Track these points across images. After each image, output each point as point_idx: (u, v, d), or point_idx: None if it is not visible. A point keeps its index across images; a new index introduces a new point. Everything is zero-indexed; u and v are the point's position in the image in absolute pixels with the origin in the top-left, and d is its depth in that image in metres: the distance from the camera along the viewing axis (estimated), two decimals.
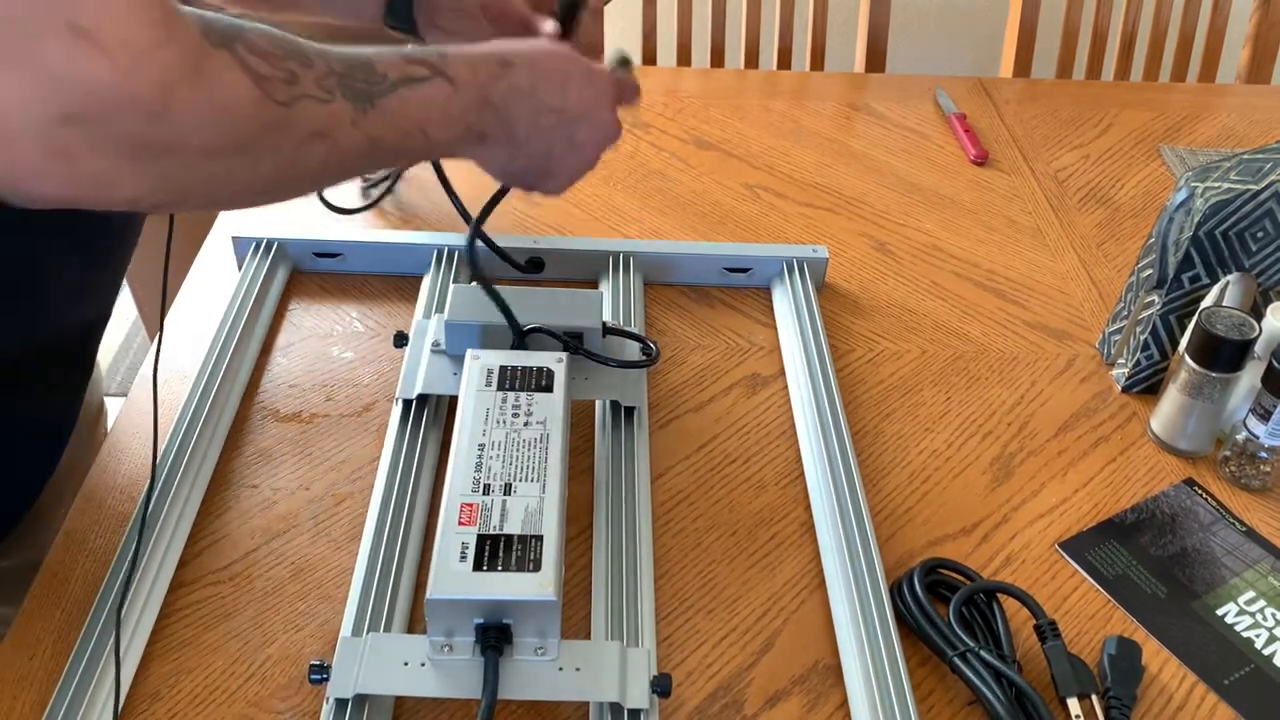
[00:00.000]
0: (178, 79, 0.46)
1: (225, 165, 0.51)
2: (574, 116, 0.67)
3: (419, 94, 0.59)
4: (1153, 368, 0.87)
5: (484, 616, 0.60)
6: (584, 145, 0.69)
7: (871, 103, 1.27)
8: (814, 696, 0.66)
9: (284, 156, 0.53)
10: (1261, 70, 1.57)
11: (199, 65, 0.48)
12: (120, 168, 0.47)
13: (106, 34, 0.44)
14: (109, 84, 0.44)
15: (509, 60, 0.64)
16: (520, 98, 0.64)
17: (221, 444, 0.79)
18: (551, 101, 0.66)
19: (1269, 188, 0.78)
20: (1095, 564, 0.74)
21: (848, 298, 0.97)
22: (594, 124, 0.69)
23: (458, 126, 0.62)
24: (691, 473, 0.79)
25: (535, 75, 0.65)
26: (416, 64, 0.59)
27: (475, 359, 0.74)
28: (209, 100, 0.48)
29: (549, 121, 0.66)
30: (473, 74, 0.62)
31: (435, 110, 0.60)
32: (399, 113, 0.58)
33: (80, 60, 0.43)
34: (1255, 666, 0.69)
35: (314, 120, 0.53)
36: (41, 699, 0.62)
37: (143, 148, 0.47)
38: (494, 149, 0.66)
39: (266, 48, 0.51)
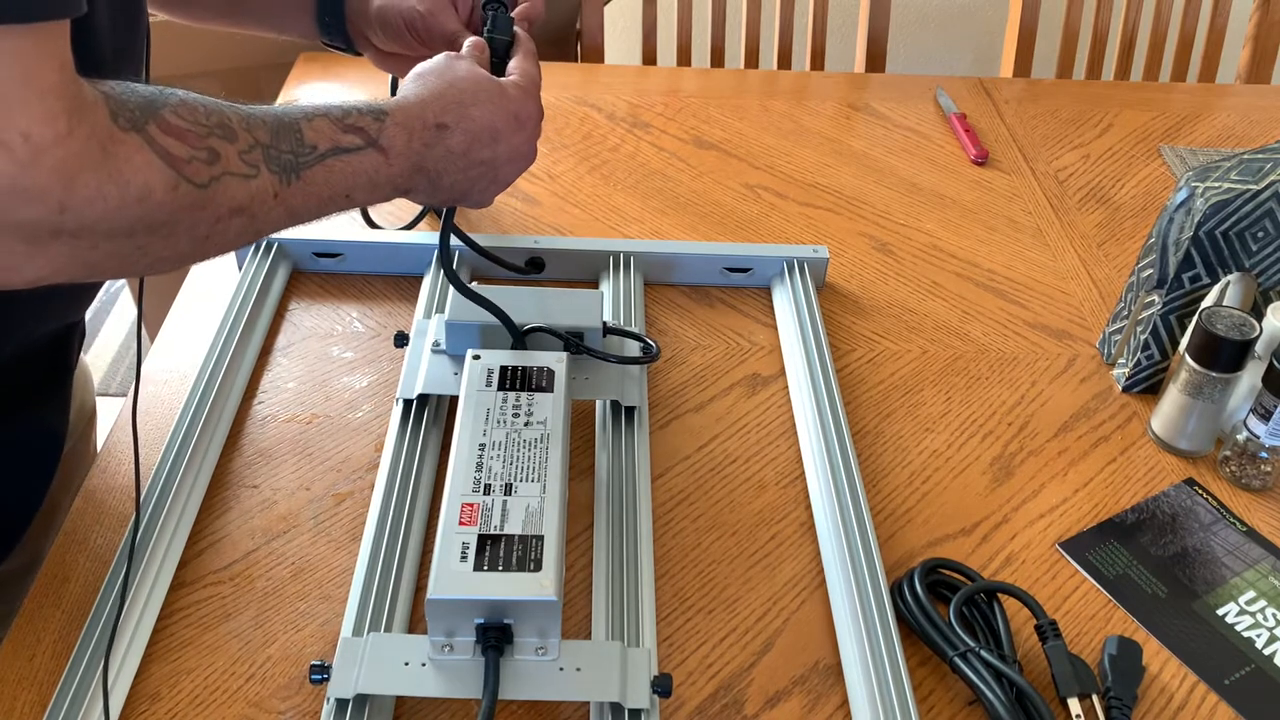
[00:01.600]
0: (80, 167, 0.46)
1: (136, 244, 0.50)
2: (500, 163, 0.68)
3: (348, 164, 0.58)
4: (1153, 368, 0.87)
5: (484, 616, 0.60)
6: (504, 180, 0.70)
7: (872, 103, 1.27)
8: (814, 696, 0.66)
9: (200, 233, 0.53)
10: (1261, 70, 1.57)
11: (106, 151, 0.47)
12: (22, 253, 0.46)
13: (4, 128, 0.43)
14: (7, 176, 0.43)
15: (445, 123, 0.64)
16: (452, 159, 0.65)
17: (221, 444, 0.79)
18: (483, 155, 0.67)
19: (1269, 188, 0.78)
20: (1096, 564, 0.74)
21: (848, 298, 0.97)
22: (516, 160, 0.70)
23: (384, 191, 0.62)
24: (691, 473, 0.79)
25: (470, 135, 0.65)
26: (350, 130, 0.59)
27: (475, 359, 0.74)
28: (116, 187, 0.47)
29: (477, 173, 0.67)
30: (407, 143, 0.62)
31: (363, 179, 0.60)
32: (325, 183, 0.57)
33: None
34: (1256, 666, 0.68)
35: (234, 198, 0.53)
36: (41, 699, 0.62)
37: (45, 234, 0.46)
38: (415, 195, 0.66)
39: (185, 126, 0.50)
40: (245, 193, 0.53)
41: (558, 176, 1.10)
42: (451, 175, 0.66)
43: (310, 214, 0.59)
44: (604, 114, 1.22)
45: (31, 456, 0.77)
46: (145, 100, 0.50)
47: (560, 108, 1.22)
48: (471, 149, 0.66)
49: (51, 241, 0.47)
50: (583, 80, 1.29)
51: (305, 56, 1.29)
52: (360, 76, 1.26)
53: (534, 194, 1.08)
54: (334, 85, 1.24)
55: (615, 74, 1.32)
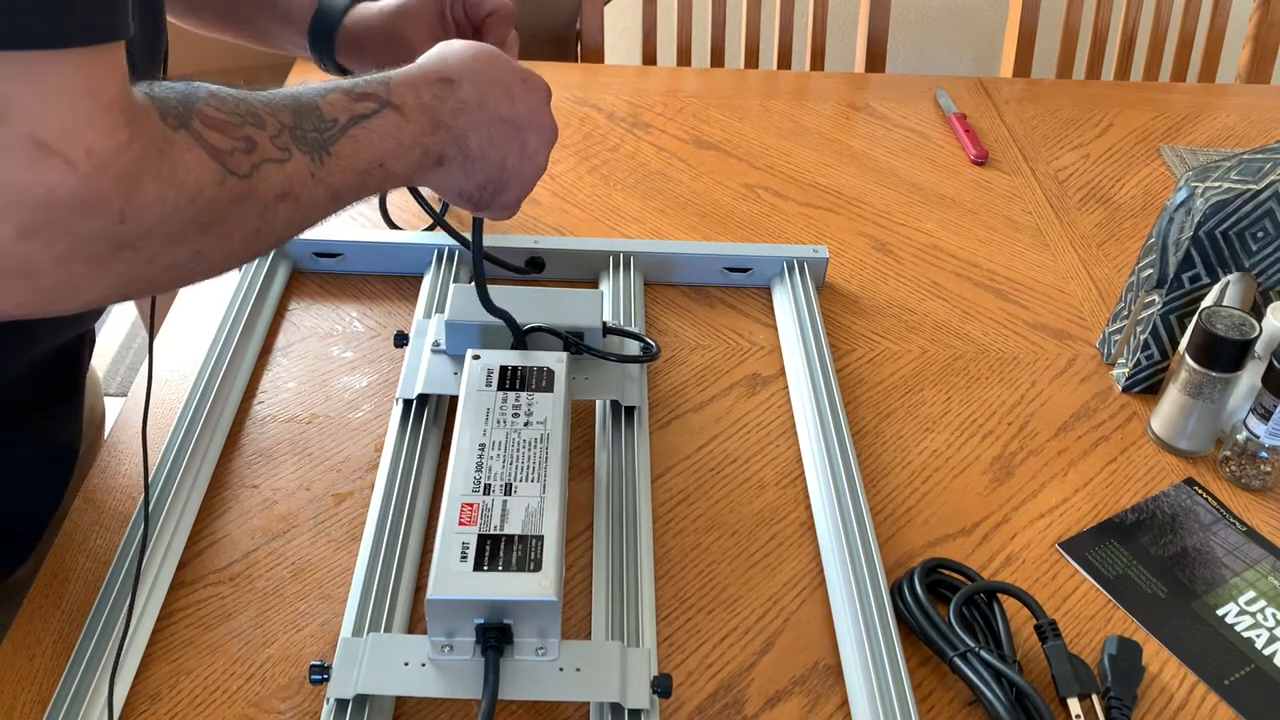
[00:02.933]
0: (141, 173, 0.45)
1: (193, 248, 0.49)
2: (523, 124, 0.66)
3: (371, 130, 0.57)
4: (1153, 367, 0.87)
5: (484, 616, 0.60)
6: (535, 152, 0.68)
7: (871, 103, 1.27)
8: (814, 696, 0.66)
9: (251, 226, 0.52)
10: (1261, 70, 1.57)
11: (162, 153, 0.46)
12: (83, 273, 0.45)
13: (69, 145, 0.42)
14: (70, 190, 0.42)
15: (450, 77, 0.62)
16: (470, 112, 0.63)
17: (221, 444, 0.79)
18: (501, 110, 0.64)
19: (1269, 188, 0.78)
20: (1095, 564, 0.74)
21: (848, 298, 0.97)
22: (540, 128, 0.68)
23: (414, 153, 0.60)
24: (691, 473, 0.79)
25: (481, 87, 0.63)
26: (363, 98, 0.58)
27: (475, 359, 0.74)
28: (173, 188, 0.47)
29: (500, 131, 0.65)
30: (418, 97, 0.60)
31: (390, 142, 0.58)
32: (355, 154, 0.56)
33: (39, 170, 0.41)
34: (1255, 666, 0.68)
35: (276, 184, 0.52)
36: (42, 699, 0.62)
37: (107, 249, 0.45)
38: (451, 170, 0.64)
39: (222, 117, 0.50)
40: (284, 177, 0.52)
41: (558, 176, 1.10)
42: (475, 132, 0.63)
43: (351, 190, 0.57)
44: (604, 114, 1.22)
45: (47, 467, 0.77)
46: (182, 96, 0.49)
47: (560, 108, 1.22)
48: (486, 100, 0.63)
49: (112, 257, 0.46)
50: (583, 80, 1.29)
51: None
52: None
53: (534, 194, 1.07)
54: None
55: (615, 74, 1.32)
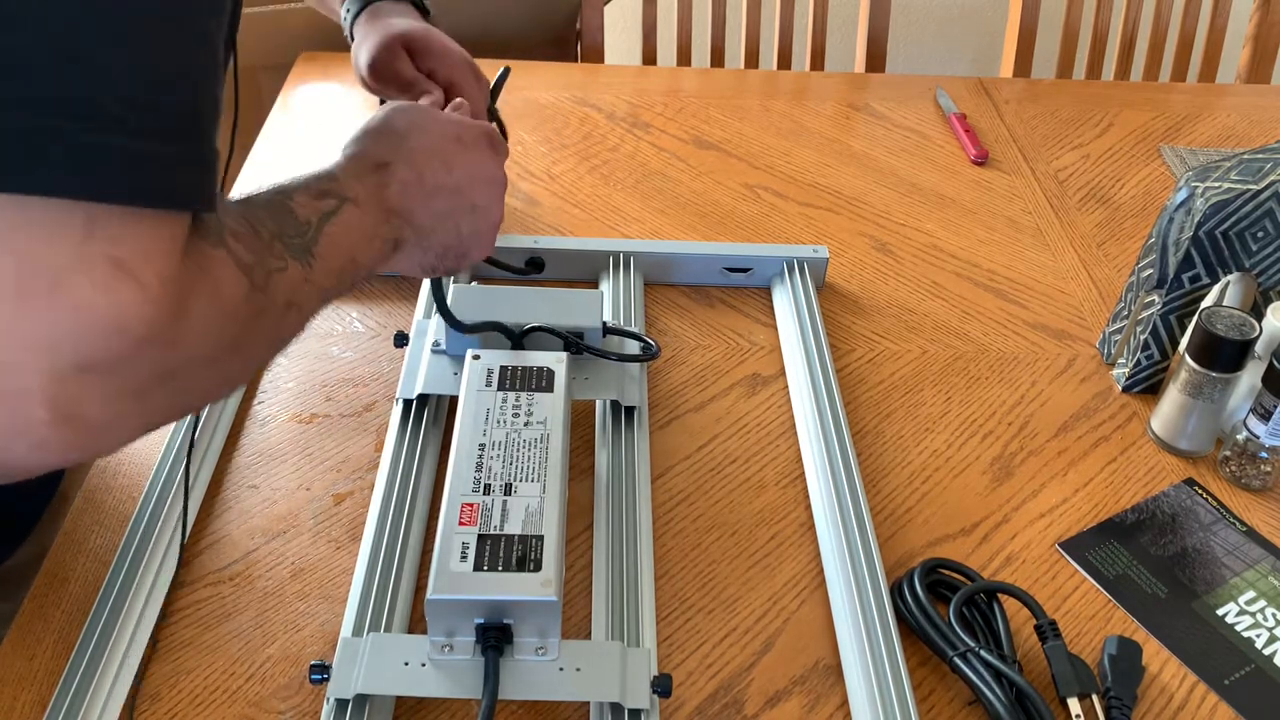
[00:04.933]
0: (191, 295, 0.43)
1: (223, 371, 0.48)
2: (464, 186, 0.65)
3: (337, 227, 0.56)
4: (1153, 368, 0.87)
5: (484, 616, 0.60)
6: (487, 208, 0.67)
7: (871, 103, 1.27)
8: (814, 696, 0.66)
9: (268, 338, 0.52)
10: (1261, 70, 1.57)
11: (205, 273, 0.45)
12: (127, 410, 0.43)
13: (143, 266, 0.41)
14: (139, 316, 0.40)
15: (384, 160, 0.61)
16: (411, 192, 0.62)
17: (221, 444, 0.79)
18: (440, 180, 0.64)
19: (1269, 188, 0.78)
20: (1095, 564, 0.74)
21: (848, 298, 0.97)
22: (485, 183, 0.67)
23: (375, 244, 0.59)
24: (691, 473, 0.79)
25: (415, 163, 0.63)
26: (322, 196, 0.56)
27: (475, 359, 0.74)
28: (216, 309, 0.45)
29: (446, 202, 0.64)
30: (364, 188, 0.59)
31: (354, 236, 0.57)
32: (332, 254, 0.55)
33: (114, 292, 0.40)
34: (1256, 666, 0.68)
35: (283, 292, 0.50)
36: (41, 699, 0.62)
37: (154, 380, 0.43)
38: (409, 251, 0.63)
39: (240, 228, 0.48)
40: (288, 285, 0.51)
41: (558, 176, 1.10)
42: (421, 211, 0.63)
43: (334, 290, 0.56)
44: (604, 114, 1.22)
45: None
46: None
47: (560, 108, 1.22)
48: (423, 175, 0.63)
49: (157, 389, 0.44)
50: (583, 80, 1.29)
51: (305, 56, 1.29)
52: None
53: (534, 194, 1.08)
54: (334, 85, 1.24)
55: (615, 74, 1.32)
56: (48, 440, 0.41)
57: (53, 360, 0.39)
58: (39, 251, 0.39)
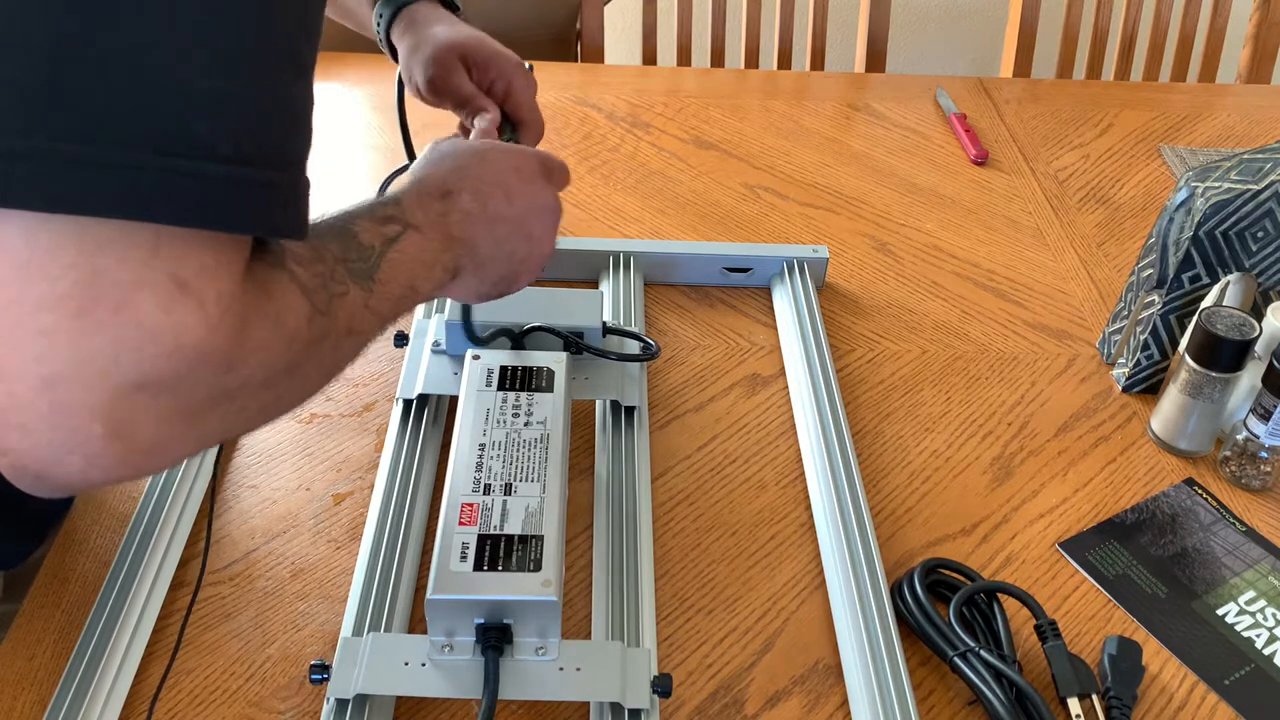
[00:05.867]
0: (252, 317, 0.43)
1: (277, 393, 0.48)
2: (524, 216, 0.65)
3: (400, 253, 0.56)
4: (1153, 367, 0.87)
5: (484, 616, 0.60)
6: (540, 238, 0.67)
7: (871, 103, 1.27)
8: (814, 696, 0.66)
9: (327, 364, 0.51)
10: (1261, 70, 1.57)
11: (268, 295, 0.44)
12: (179, 432, 0.43)
13: (205, 286, 0.40)
14: (197, 338, 0.40)
15: (448, 189, 0.61)
16: (474, 221, 0.62)
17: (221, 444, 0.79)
18: (502, 210, 0.64)
19: (1269, 188, 0.78)
20: (1095, 564, 0.74)
21: (848, 298, 0.97)
22: (542, 212, 0.67)
23: (435, 271, 0.59)
24: (691, 473, 0.79)
25: (479, 193, 0.63)
26: (386, 222, 0.56)
27: (475, 359, 0.74)
28: (277, 332, 0.45)
29: (506, 231, 0.64)
30: (426, 215, 0.59)
31: (417, 264, 0.57)
32: (393, 280, 0.55)
33: (176, 313, 0.39)
34: (1256, 666, 0.68)
35: (344, 318, 0.50)
36: (41, 699, 0.62)
37: (208, 401, 0.43)
38: (465, 279, 0.63)
39: (303, 251, 0.48)
40: (348, 311, 0.50)
41: None
42: (484, 239, 0.63)
43: (392, 317, 0.56)
44: (604, 114, 1.22)
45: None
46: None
47: (560, 108, 1.22)
48: (487, 205, 0.63)
49: (210, 411, 0.43)
50: (583, 80, 1.29)
51: None
52: (360, 77, 1.26)
53: None
54: (334, 85, 1.24)
55: (615, 74, 1.32)
56: (100, 456, 0.41)
57: (113, 376, 0.39)
58: (108, 268, 0.39)
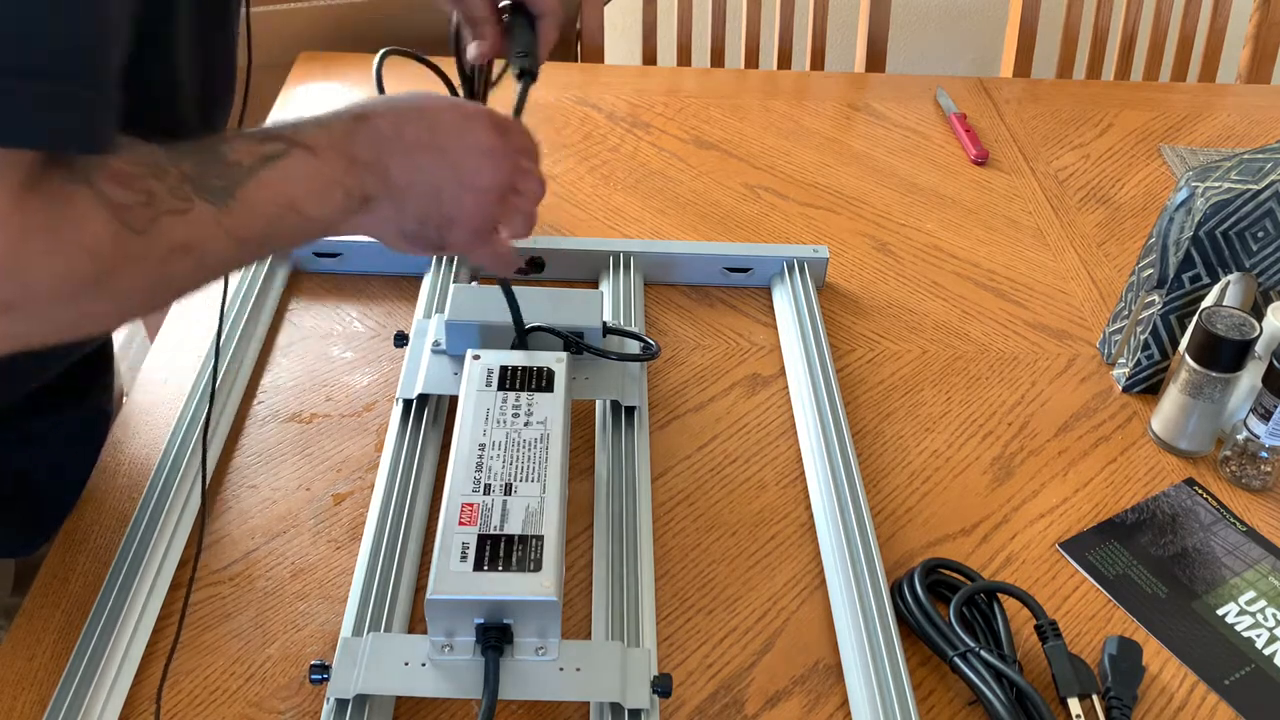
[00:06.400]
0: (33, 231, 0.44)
1: (83, 309, 0.49)
2: (449, 145, 0.62)
3: (279, 171, 0.54)
4: (1153, 367, 0.87)
5: (484, 616, 0.60)
6: (477, 182, 0.63)
7: (871, 103, 1.27)
8: (814, 696, 0.66)
9: (146, 282, 0.51)
10: (1261, 70, 1.57)
11: (57, 212, 0.45)
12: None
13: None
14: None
15: (364, 113, 0.60)
16: (386, 143, 0.60)
17: (221, 444, 0.79)
18: (420, 136, 0.61)
19: (1269, 187, 0.78)
20: (1096, 564, 0.74)
21: (848, 298, 0.97)
22: (474, 151, 0.63)
23: (334, 195, 0.57)
24: (691, 473, 0.79)
25: (396, 118, 0.60)
26: (268, 140, 0.55)
27: (475, 359, 0.74)
28: (66, 248, 0.46)
29: (426, 159, 0.61)
30: (329, 135, 0.57)
31: (303, 184, 0.55)
32: (263, 199, 0.54)
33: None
34: (1256, 666, 0.68)
35: (175, 235, 0.50)
36: (41, 699, 0.62)
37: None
38: (381, 209, 0.60)
39: (127, 169, 0.49)
40: (184, 229, 0.50)
41: (558, 176, 1.10)
42: (399, 165, 0.60)
43: (263, 238, 0.55)
44: (604, 114, 1.22)
45: (81, 437, 0.78)
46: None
47: (560, 108, 1.22)
48: (402, 129, 0.60)
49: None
50: (583, 80, 1.29)
51: (305, 56, 1.29)
52: (361, 77, 1.26)
53: None
54: (334, 85, 1.24)
55: (615, 74, 1.32)
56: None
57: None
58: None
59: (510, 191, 0.65)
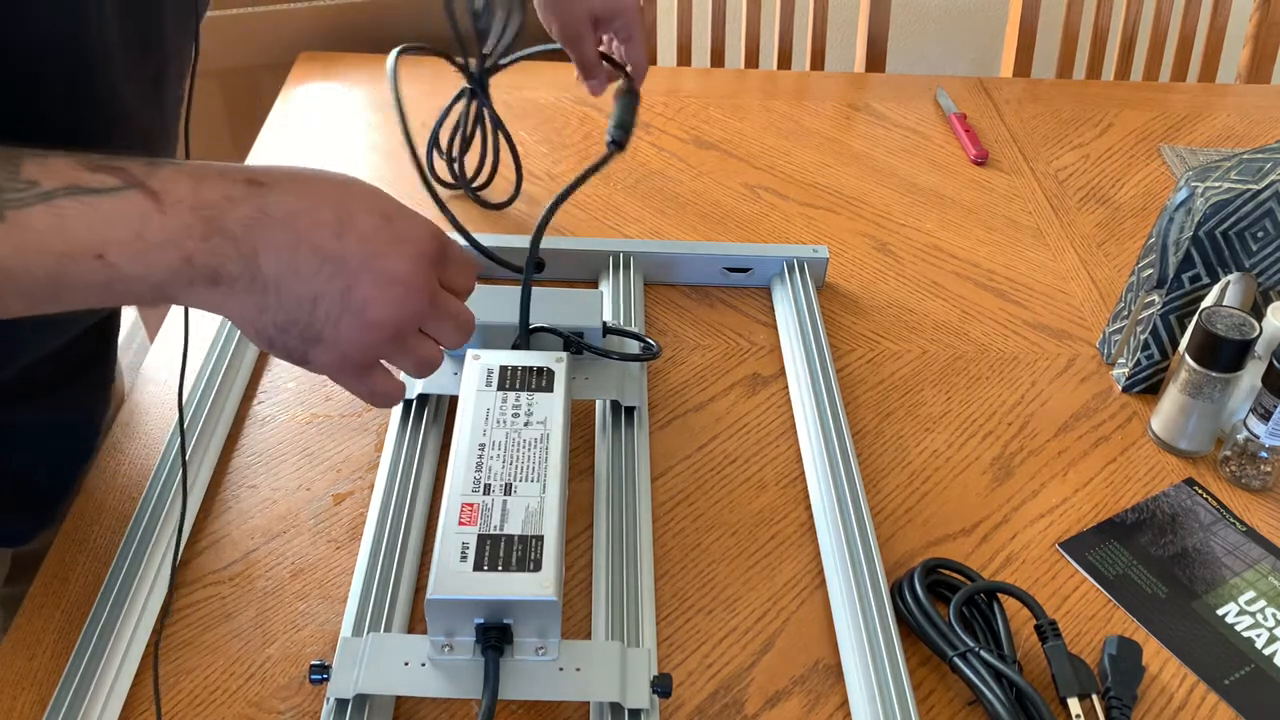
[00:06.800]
0: None
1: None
2: (352, 265, 0.51)
3: (93, 209, 0.45)
4: (1153, 367, 0.87)
5: (484, 616, 0.60)
6: (369, 313, 0.51)
7: (871, 103, 1.27)
8: (814, 696, 0.66)
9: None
10: (1261, 70, 1.58)
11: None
12: None
13: None
14: None
15: (260, 180, 0.49)
16: (270, 227, 0.49)
17: (221, 444, 0.79)
18: (319, 238, 0.50)
19: (1269, 187, 0.78)
20: (1096, 564, 0.74)
21: (848, 298, 0.97)
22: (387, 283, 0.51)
23: (167, 256, 0.47)
24: (691, 473, 0.79)
25: (299, 202, 0.50)
26: (101, 170, 0.46)
27: (475, 359, 0.74)
28: None
29: (311, 264, 0.50)
30: (194, 192, 0.48)
31: (120, 231, 0.46)
32: (51, 231, 0.45)
33: None
34: (1256, 666, 0.69)
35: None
36: (41, 699, 0.62)
37: None
38: (234, 294, 0.49)
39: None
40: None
41: (558, 176, 1.10)
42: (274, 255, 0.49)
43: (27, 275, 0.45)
44: (604, 114, 1.22)
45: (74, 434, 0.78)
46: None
47: (560, 108, 1.22)
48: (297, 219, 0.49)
49: None
50: None
51: (305, 56, 1.29)
52: (362, 77, 1.26)
53: (534, 194, 1.08)
54: (334, 85, 1.24)
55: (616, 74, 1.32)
56: None
57: None
58: None
59: (411, 333, 0.55)
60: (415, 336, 0.55)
